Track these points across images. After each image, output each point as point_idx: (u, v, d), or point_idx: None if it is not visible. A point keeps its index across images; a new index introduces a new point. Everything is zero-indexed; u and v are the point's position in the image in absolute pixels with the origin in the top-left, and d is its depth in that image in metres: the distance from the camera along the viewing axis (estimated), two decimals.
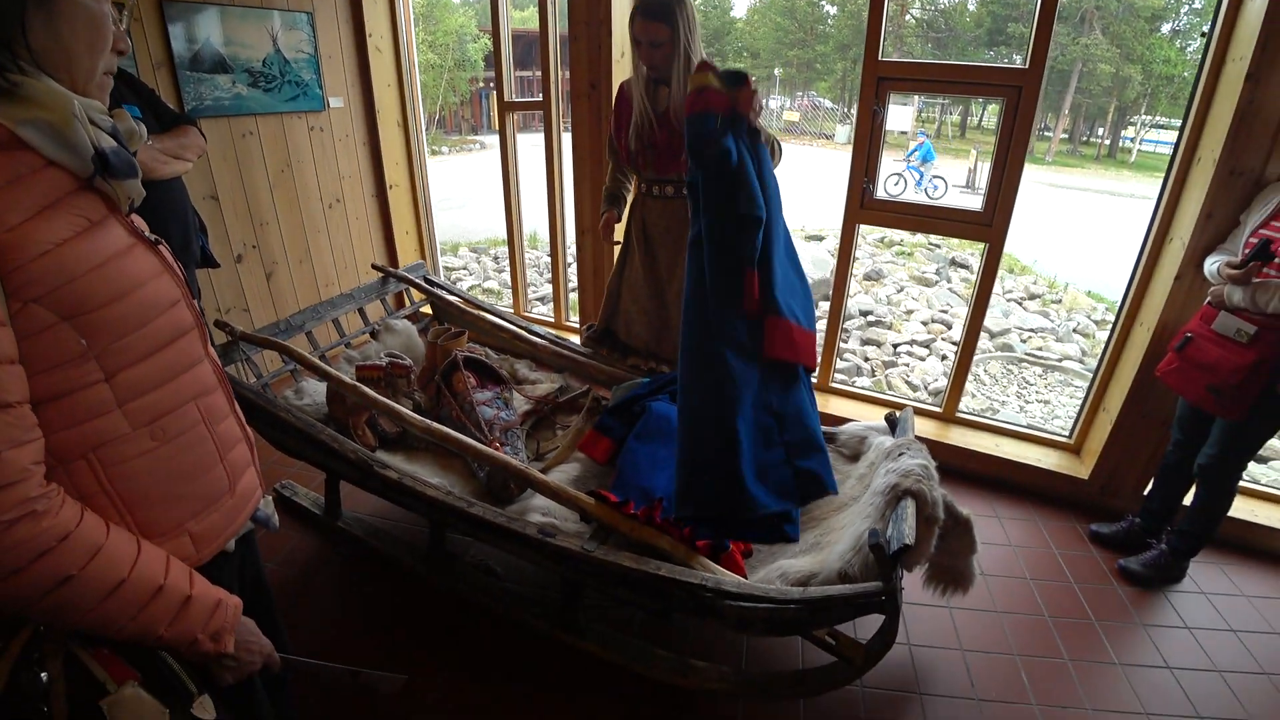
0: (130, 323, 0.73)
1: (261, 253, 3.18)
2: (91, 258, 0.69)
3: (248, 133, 3.01)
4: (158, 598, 0.73)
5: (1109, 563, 2.28)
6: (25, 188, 0.65)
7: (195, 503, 0.83)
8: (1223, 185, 2.03)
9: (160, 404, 0.78)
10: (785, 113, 27.02)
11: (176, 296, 0.81)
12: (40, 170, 0.67)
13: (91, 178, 0.71)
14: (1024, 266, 8.49)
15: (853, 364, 5.04)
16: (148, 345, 0.75)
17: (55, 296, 0.65)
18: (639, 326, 2.30)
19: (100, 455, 0.73)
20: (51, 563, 0.65)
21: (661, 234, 2.18)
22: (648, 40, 1.90)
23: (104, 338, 0.70)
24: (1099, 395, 2.59)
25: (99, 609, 0.69)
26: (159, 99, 2.03)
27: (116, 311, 0.71)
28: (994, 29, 23.55)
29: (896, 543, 1.33)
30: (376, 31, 3.45)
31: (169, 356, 0.79)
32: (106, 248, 0.71)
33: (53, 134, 0.66)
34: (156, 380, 0.77)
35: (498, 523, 1.55)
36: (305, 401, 2.10)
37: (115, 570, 0.70)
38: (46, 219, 0.66)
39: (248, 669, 0.87)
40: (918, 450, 1.64)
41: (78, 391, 0.70)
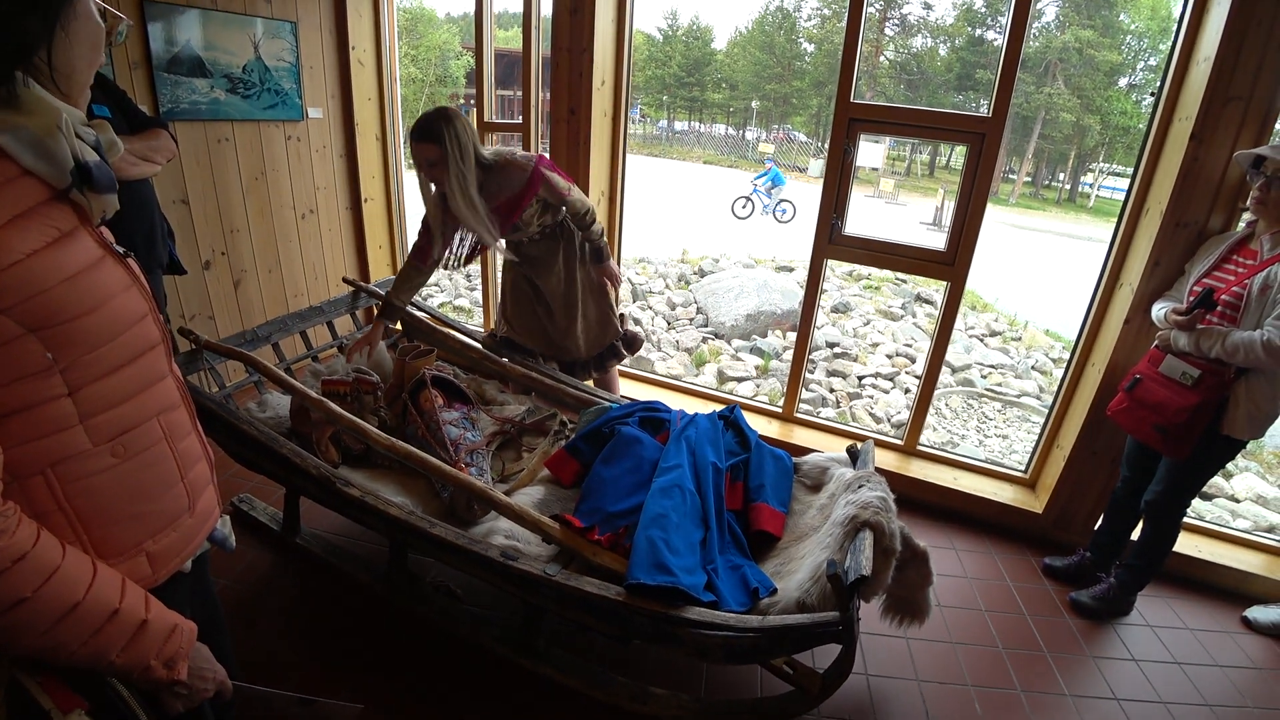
0: (98, 336, 0.72)
1: (231, 260, 3.13)
2: (62, 269, 0.68)
3: (223, 138, 2.97)
4: (112, 622, 0.71)
5: (1061, 595, 2.34)
6: (9, 195, 0.64)
7: (154, 522, 0.81)
8: (1169, 236, 2.14)
9: (123, 420, 0.76)
10: (760, 144, 27.61)
11: (144, 310, 0.79)
12: (15, 179, 0.66)
13: (68, 189, 0.70)
14: (986, 304, 8.75)
15: (818, 395, 5.12)
16: (114, 359, 0.74)
17: (24, 308, 0.64)
18: (534, 330, 2.53)
19: (59, 472, 0.71)
20: (5, 585, 0.62)
21: (535, 259, 2.42)
22: (423, 162, 2.09)
23: (71, 351, 0.69)
24: (1054, 431, 2.67)
25: (51, 633, 0.66)
26: (130, 101, 2.00)
27: (85, 325, 0.70)
28: (963, 74, 24.54)
29: (854, 573, 1.35)
30: (360, 44, 3.46)
31: (134, 371, 0.77)
32: (77, 260, 0.70)
33: (32, 144, 0.66)
34: (121, 395, 0.76)
35: (459, 544, 1.54)
36: (268, 414, 2.06)
37: (70, 593, 0.67)
38: (19, 228, 0.65)
39: (199, 696, 0.84)
40: (877, 483, 1.67)
41: (39, 406, 0.68)
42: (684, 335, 6.19)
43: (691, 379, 4.91)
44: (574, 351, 2.51)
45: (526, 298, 2.51)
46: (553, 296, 2.45)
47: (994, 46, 24.14)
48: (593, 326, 2.53)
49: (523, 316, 2.53)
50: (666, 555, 1.44)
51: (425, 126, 2.04)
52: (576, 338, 2.49)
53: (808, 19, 28.56)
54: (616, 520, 1.61)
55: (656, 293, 7.29)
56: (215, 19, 2.81)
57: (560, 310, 2.46)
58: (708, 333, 6.39)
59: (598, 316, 2.54)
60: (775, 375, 5.50)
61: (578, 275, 2.44)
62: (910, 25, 25.77)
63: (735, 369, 5.49)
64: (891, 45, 25.68)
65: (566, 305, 2.46)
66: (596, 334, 2.55)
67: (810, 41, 28.46)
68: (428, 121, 2.05)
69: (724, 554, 1.63)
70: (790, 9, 28.80)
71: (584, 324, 2.50)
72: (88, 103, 0.78)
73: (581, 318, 2.48)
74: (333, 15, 3.33)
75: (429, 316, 2.63)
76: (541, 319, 2.51)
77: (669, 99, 31.86)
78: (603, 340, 2.57)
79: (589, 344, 2.54)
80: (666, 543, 1.47)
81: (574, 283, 2.44)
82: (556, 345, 2.53)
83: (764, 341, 6.17)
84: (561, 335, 2.50)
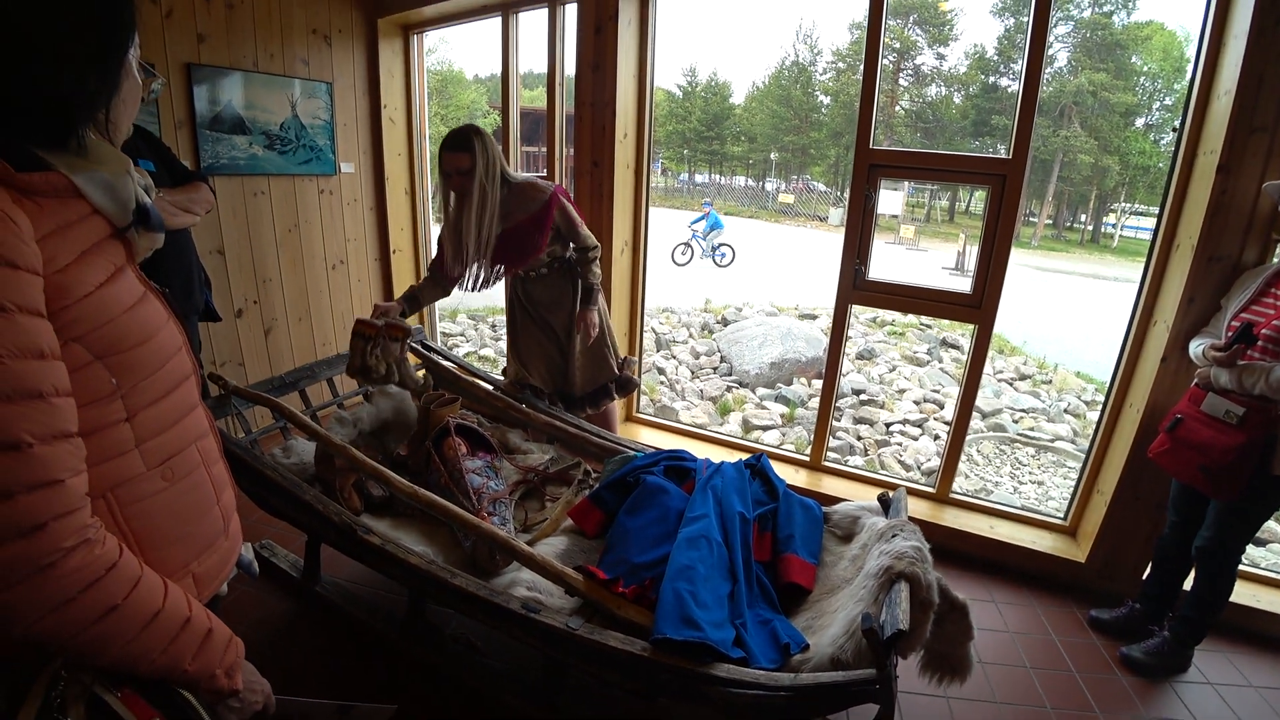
0: (151, 364, 0.76)
1: (262, 309, 3.21)
2: (123, 300, 0.73)
3: (259, 192, 3.09)
4: (185, 629, 0.74)
5: (1110, 650, 2.21)
6: (74, 233, 0.69)
7: (198, 544, 0.84)
8: (1201, 271, 2.10)
9: (170, 444, 0.80)
10: (781, 195, 28.02)
11: (180, 342, 0.84)
12: (87, 217, 0.71)
13: (126, 228, 0.76)
14: (1014, 347, 8.61)
15: (845, 442, 5.03)
16: (162, 387, 0.79)
17: (94, 336, 0.69)
18: (546, 372, 2.56)
19: (118, 494, 0.74)
20: (100, 592, 0.65)
21: (547, 302, 2.49)
22: (453, 169, 2.16)
23: (130, 378, 0.73)
24: (1092, 476, 2.58)
25: (137, 640, 0.69)
26: (174, 156, 2.10)
27: (141, 353, 0.75)
28: (978, 120, 24.80)
29: (891, 628, 1.29)
30: (391, 103, 3.61)
31: (176, 398, 0.82)
32: (131, 293, 0.75)
33: (105, 187, 0.72)
34: (167, 421, 0.80)
35: (480, 595, 1.50)
36: (292, 460, 2.07)
37: (152, 600, 0.70)
38: (88, 262, 0.70)
39: (250, 709, 0.86)
40: (911, 532, 1.61)
41: (104, 429, 0.72)
42: (708, 384, 6.17)
43: (716, 428, 4.86)
44: (571, 385, 2.57)
45: (533, 330, 2.56)
46: (557, 326, 2.53)
47: (1008, 92, 24.44)
48: (589, 363, 2.59)
49: (530, 348, 2.57)
50: (694, 609, 1.39)
51: (458, 136, 2.15)
52: (574, 372, 2.55)
53: (823, 72, 29.30)
54: (642, 572, 1.57)
55: (680, 342, 7.32)
56: (256, 80, 2.96)
57: (560, 345, 2.55)
58: (732, 381, 6.36)
59: (594, 354, 2.60)
60: (801, 423, 5.43)
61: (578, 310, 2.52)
62: (924, 75, 26.25)
63: (760, 417, 5.44)
64: (907, 95, 26.13)
65: (568, 338, 2.54)
66: (591, 371, 2.60)
67: (826, 94, 29.10)
68: (461, 132, 2.16)
69: (753, 608, 1.57)
70: (805, 63, 29.59)
71: (581, 360, 2.56)
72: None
73: (579, 353, 2.55)
74: (366, 76, 3.49)
75: (454, 365, 2.65)
76: (548, 348, 2.57)
77: (689, 153, 32.63)
78: (597, 379, 2.62)
79: (584, 380, 2.59)
80: (694, 596, 1.42)
81: (574, 317, 2.52)
82: (559, 378, 2.59)
83: (789, 389, 6.11)
84: (564, 366, 2.57)
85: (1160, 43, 22.54)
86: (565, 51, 3.16)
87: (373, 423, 2.22)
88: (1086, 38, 22.63)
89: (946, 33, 25.53)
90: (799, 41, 31.26)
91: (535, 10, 3.23)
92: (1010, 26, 23.95)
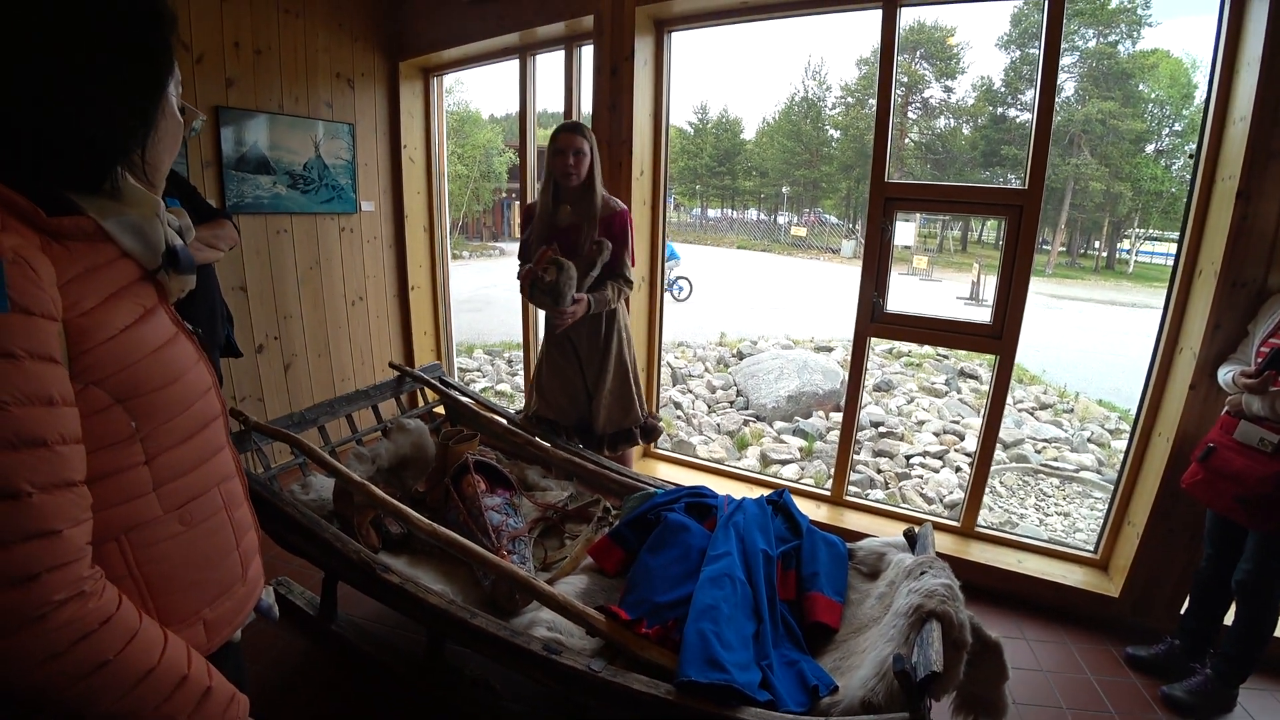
0: (174, 407, 0.75)
1: (283, 344, 3.25)
2: (148, 343, 0.73)
3: (282, 230, 3.16)
4: (181, 688, 0.71)
5: (1150, 690, 2.12)
6: (102, 276, 0.69)
7: (212, 589, 0.82)
8: (1226, 296, 2.08)
9: (190, 488, 0.79)
10: (793, 228, 28.22)
11: (209, 383, 0.83)
12: (115, 261, 0.72)
13: (156, 270, 0.77)
14: (1033, 376, 8.50)
15: (865, 476, 4.95)
16: (185, 429, 0.78)
17: (116, 380, 0.68)
18: (567, 405, 2.56)
19: (131, 538, 0.73)
20: (91, 646, 0.63)
21: (578, 336, 2.49)
22: (571, 149, 2.33)
23: (151, 421, 0.72)
24: (1122, 507, 2.51)
25: (127, 698, 0.66)
26: (198, 194, 2.16)
27: (165, 396, 0.74)
28: (988, 151, 24.95)
29: (924, 669, 1.25)
30: (411, 143, 3.70)
31: (200, 441, 0.81)
32: (158, 335, 0.75)
33: (134, 230, 0.73)
34: (189, 464, 0.79)
35: (500, 636, 1.48)
36: (311, 496, 2.07)
37: (147, 657, 0.67)
38: (114, 305, 0.70)
39: None
40: (941, 569, 1.57)
41: (120, 473, 0.71)
42: (725, 418, 6.13)
43: (734, 462, 4.82)
44: (594, 423, 2.54)
45: (557, 360, 2.55)
46: (587, 360, 2.51)
47: (1016, 123, 24.60)
48: (615, 404, 2.55)
49: (555, 380, 2.56)
50: (719, 650, 1.35)
51: (576, 123, 2.42)
52: (600, 409, 2.52)
53: (832, 107, 29.75)
54: (665, 612, 1.53)
55: (696, 376, 7.30)
56: (281, 122, 3.05)
57: (593, 376, 2.53)
58: (749, 415, 6.31)
59: (621, 396, 2.56)
60: (820, 457, 5.36)
61: (613, 348, 2.51)
62: (932, 108, 26.55)
63: (778, 451, 5.38)
64: (915, 128, 26.39)
65: (599, 374, 2.51)
66: (617, 414, 2.56)
67: (836, 128, 29.49)
68: (576, 122, 2.46)
69: (778, 648, 1.52)
70: (815, 99, 30.07)
71: (608, 399, 2.53)
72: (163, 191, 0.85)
73: (607, 392, 2.52)
74: (387, 118, 3.59)
75: (473, 401, 2.66)
76: (573, 382, 2.55)
77: (702, 188, 33.09)
78: (622, 421, 2.57)
79: (607, 419, 2.55)
80: (718, 636, 1.39)
81: (609, 354, 2.50)
82: (581, 414, 2.56)
83: (807, 423, 6.06)
84: (588, 402, 2.54)
85: (1167, 70, 22.68)
86: (581, 91, 3.24)
87: (391, 459, 2.22)
88: (1093, 67, 22.82)
89: (953, 66, 25.89)
90: (808, 77, 31.86)
91: (552, 52, 3.32)
92: (1016, 58, 24.27)
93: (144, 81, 0.71)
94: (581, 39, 3.16)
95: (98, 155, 0.69)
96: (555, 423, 2.56)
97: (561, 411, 2.56)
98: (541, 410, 2.58)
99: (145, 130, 0.73)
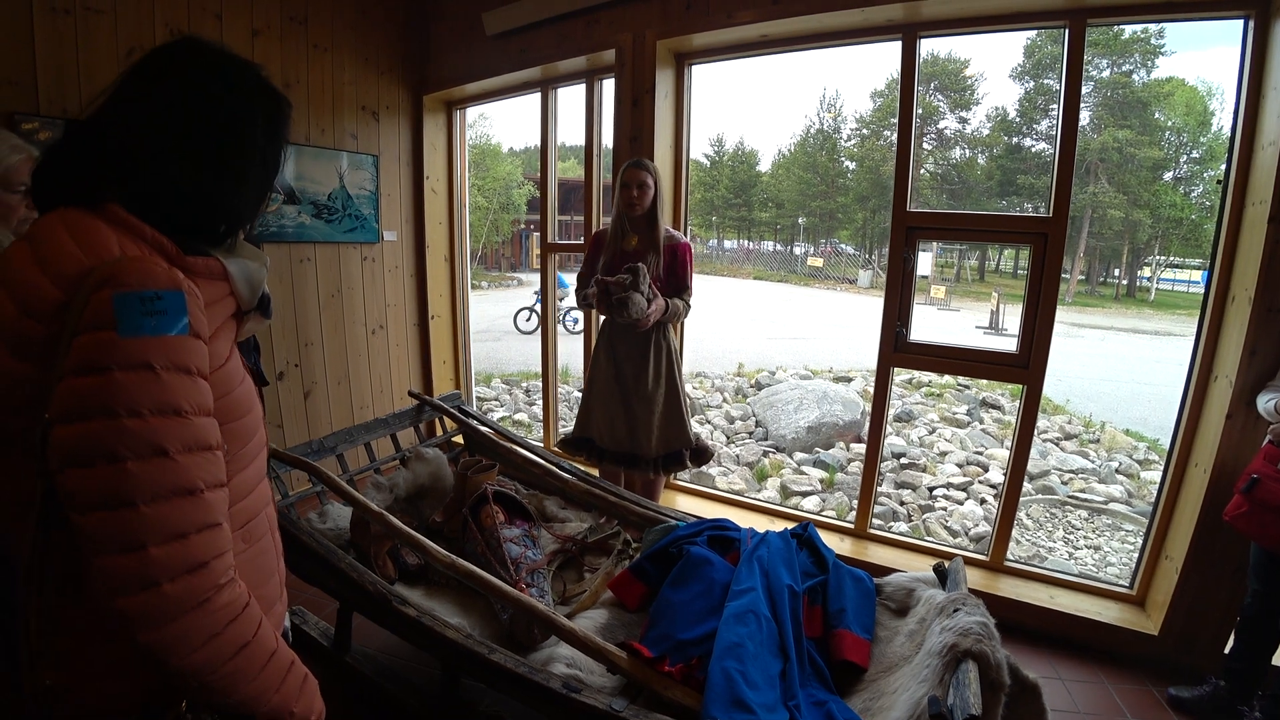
0: (247, 434, 0.83)
1: (303, 372, 3.28)
2: (237, 374, 0.81)
3: (305, 259, 3.21)
4: (292, 670, 0.79)
5: None
6: (215, 310, 0.78)
7: (265, 606, 0.86)
8: (1262, 322, 2.03)
9: (250, 509, 0.85)
10: (810, 259, 28.28)
11: (261, 415, 0.90)
12: (226, 297, 0.81)
13: (248, 312, 0.86)
14: (1057, 406, 8.34)
15: (888, 508, 4.85)
16: (250, 454, 0.85)
17: (220, 404, 0.75)
18: (611, 430, 2.61)
19: None
20: (239, 627, 0.71)
21: (627, 353, 2.56)
22: (636, 183, 2.48)
23: (234, 445, 0.79)
24: (1159, 541, 2.42)
25: (260, 678, 0.73)
26: None
27: (243, 424, 0.81)
28: (1004, 180, 24.93)
29: (961, 712, 1.19)
30: (434, 175, 3.76)
31: (257, 467, 0.87)
32: (240, 368, 0.83)
33: (247, 275, 0.83)
34: (250, 487, 0.85)
35: (519, 672, 1.44)
36: (328, 525, 2.06)
37: (270, 640, 0.76)
38: (220, 337, 0.78)
39: None
40: (975, 606, 1.51)
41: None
42: (744, 449, 6.05)
43: (754, 494, 4.74)
44: (644, 446, 2.56)
45: (604, 384, 2.62)
46: (636, 381, 2.55)
47: (1031, 152, 24.59)
48: (667, 427, 2.58)
49: (603, 399, 2.62)
50: (744, 690, 1.31)
51: (642, 160, 2.56)
52: (651, 431, 2.54)
53: (847, 139, 29.99)
54: (688, 649, 1.49)
55: (714, 407, 7.25)
56: (307, 153, 3.12)
57: (638, 400, 2.57)
58: (768, 446, 6.23)
59: (672, 418, 2.59)
60: (841, 488, 5.26)
61: (664, 370, 2.56)
62: (947, 139, 26.66)
63: (799, 483, 5.29)
64: (931, 158, 26.49)
65: (648, 398, 2.56)
66: (670, 436, 2.59)
67: (851, 160, 29.65)
68: (642, 159, 2.57)
69: (805, 687, 1.47)
70: (830, 130, 30.35)
71: (660, 421, 2.55)
72: None
73: (659, 415, 2.55)
74: (410, 149, 3.66)
75: (491, 430, 2.64)
76: (621, 404, 2.59)
77: (718, 219, 33.33)
78: (674, 444, 2.60)
79: (659, 441, 2.57)
80: (744, 675, 1.34)
81: (659, 378, 2.55)
82: (628, 438, 2.59)
83: (827, 454, 5.96)
84: (636, 426, 2.57)
85: (1183, 98, 22.64)
86: (602, 124, 3.28)
87: (409, 488, 2.21)
88: (1108, 96, 22.86)
89: (968, 97, 26.05)
90: (823, 110, 32.09)
91: (573, 85, 3.38)
92: (1031, 89, 24.37)
93: (270, 170, 0.86)
94: (603, 72, 3.22)
95: (236, 222, 0.84)
96: (602, 449, 2.62)
97: (601, 434, 2.63)
98: (588, 433, 2.65)
99: (263, 204, 0.89)
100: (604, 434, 2.62)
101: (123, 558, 0.63)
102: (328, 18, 3.20)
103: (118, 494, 0.63)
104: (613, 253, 2.55)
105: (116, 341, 0.64)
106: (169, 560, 0.65)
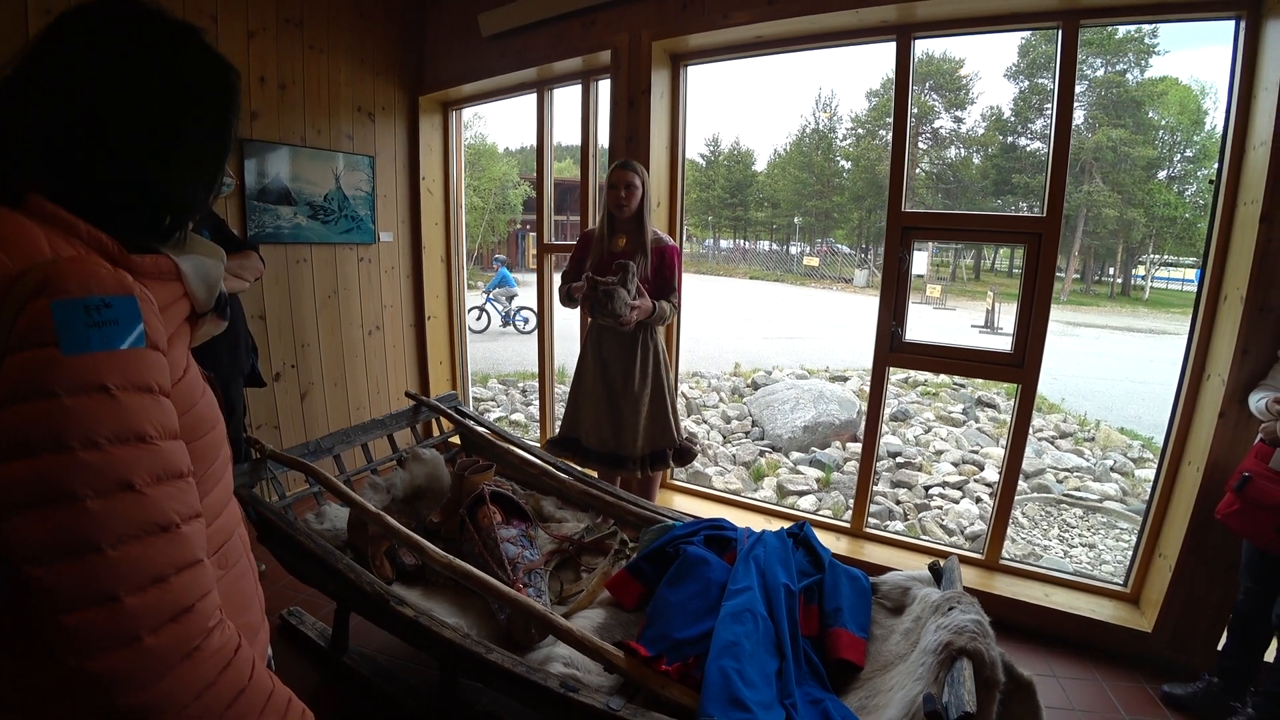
0: (212, 451, 0.75)
1: (299, 373, 3.27)
2: (197, 388, 0.72)
3: (301, 260, 3.21)
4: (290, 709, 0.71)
5: None
6: (169, 315, 0.69)
7: (248, 635, 0.79)
8: (1254, 321, 2.04)
9: (222, 531, 0.77)
10: (805, 258, 28.31)
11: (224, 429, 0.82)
12: (180, 299, 0.72)
13: (204, 314, 0.76)
14: (1052, 405, 8.37)
15: (884, 507, 4.87)
16: (217, 474, 0.77)
17: (183, 423, 0.66)
18: (596, 430, 2.59)
19: None
20: (233, 673, 0.62)
21: (615, 353, 2.56)
22: (623, 183, 2.47)
23: (200, 465, 0.71)
24: (1152, 539, 2.44)
25: None
26: (226, 225, 2.20)
27: (207, 441, 0.73)
28: (999, 180, 25.00)
29: (956, 709, 1.20)
30: (430, 175, 3.76)
31: (224, 485, 0.80)
32: (199, 379, 0.75)
33: (203, 274, 0.74)
34: (220, 508, 0.77)
35: (516, 672, 1.44)
36: (325, 526, 2.06)
37: (265, 680, 0.67)
38: (176, 345, 0.69)
39: None
40: (970, 604, 1.52)
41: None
42: (740, 449, 6.06)
43: (751, 493, 4.76)
44: (629, 446, 2.55)
45: (589, 384, 2.61)
46: (624, 381, 2.55)
47: (1026, 151, 24.67)
48: (652, 426, 2.57)
49: (590, 399, 2.61)
50: (741, 688, 1.31)
51: (630, 161, 2.55)
52: (636, 432, 2.53)
53: (843, 139, 30.03)
54: (685, 648, 1.49)
55: (711, 406, 7.26)
56: (303, 154, 3.12)
57: (625, 400, 2.56)
58: (764, 446, 6.24)
59: (658, 419, 2.58)
60: (837, 488, 5.28)
61: (650, 370, 2.55)
62: (942, 138, 26.72)
63: (795, 482, 5.30)
64: (926, 158, 26.55)
65: (634, 398, 2.54)
66: (655, 435, 2.58)
67: (847, 159, 29.69)
68: (630, 160, 2.56)
69: (802, 686, 1.48)
70: (825, 130, 30.38)
71: (645, 421, 2.55)
72: None
73: (645, 415, 2.54)
74: (407, 150, 3.66)
75: (488, 431, 2.65)
76: (607, 404, 2.59)
77: (714, 219, 33.34)
78: (660, 443, 2.59)
79: (645, 441, 2.56)
80: (740, 674, 1.35)
81: (646, 378, 2.54)
82: (613, 438, 2.58)
83: (823, 453, 5.98)
84: (621, 426, 2.56)
85: (1176, 97, 22.73)
86: (598, 124, 3.29)
87: (406, 489, 2.21)
88: (1102, 95, 22.94)
89: (963, 97, 26.11)
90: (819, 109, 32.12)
91: (569, 86, 3.38)
92: (1025, 88, 24.45)
93: (218, 152, 0.75)
94: (599, 73, 3.22)
95: (179, 210, 0.72)
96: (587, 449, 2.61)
97: (586, 434, 2.61)
98: (574, 433, 2.64)
99: (212, 191, 0.77)
100: (589, 434, 2.61)
101: (92, 612, 0.54)
102: (324, 19, 3.20)
103: (79, 539, 0.54)
104: (600, 253, 2.56)
105: (59, 360, 0.54)
106: (148, 609, 0.56)
